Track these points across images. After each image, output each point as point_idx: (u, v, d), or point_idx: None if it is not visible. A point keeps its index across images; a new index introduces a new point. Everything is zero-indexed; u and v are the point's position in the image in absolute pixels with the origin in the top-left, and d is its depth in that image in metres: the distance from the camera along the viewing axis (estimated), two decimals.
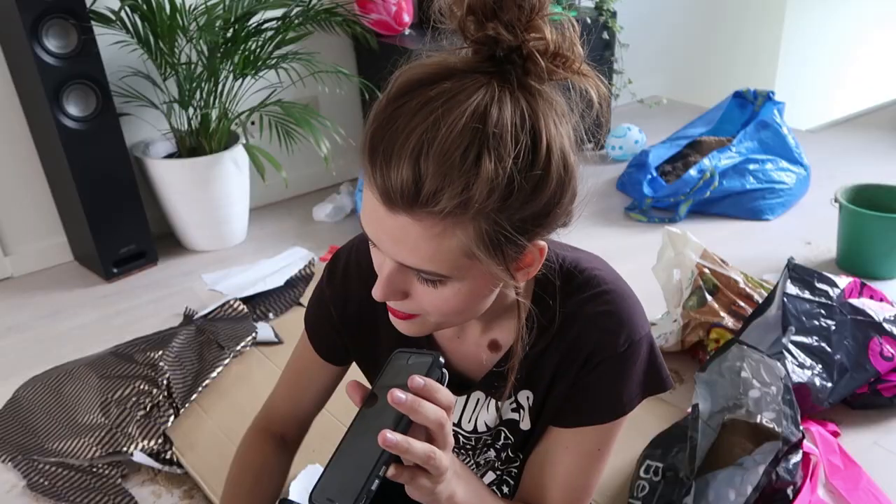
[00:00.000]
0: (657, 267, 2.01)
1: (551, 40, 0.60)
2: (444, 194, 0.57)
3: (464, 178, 0.57)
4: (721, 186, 2.67)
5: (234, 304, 2.19)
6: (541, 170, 0.60)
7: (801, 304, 1.69)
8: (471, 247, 0.61)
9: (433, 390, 0.62)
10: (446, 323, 0.73)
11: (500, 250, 0.62)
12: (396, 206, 0.59)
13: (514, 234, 0.62)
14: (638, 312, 0.78)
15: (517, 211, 0.61)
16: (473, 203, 0.58)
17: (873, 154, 3.22)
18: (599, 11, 3.09)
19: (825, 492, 1.46)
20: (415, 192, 0.58)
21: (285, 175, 2.48)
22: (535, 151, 0.60)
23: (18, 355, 2.10)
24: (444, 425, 0.62)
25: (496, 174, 0.57)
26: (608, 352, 0.76)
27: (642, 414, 1.71)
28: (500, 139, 0.57)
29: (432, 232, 0.60)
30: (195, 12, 2.36)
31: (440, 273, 0.63)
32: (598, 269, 0.79)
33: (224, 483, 1.00)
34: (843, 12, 4.26)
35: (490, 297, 0.71)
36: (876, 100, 3.88)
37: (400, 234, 0.61)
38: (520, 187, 0.59)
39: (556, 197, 0.63)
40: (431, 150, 0.57)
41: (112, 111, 2.30)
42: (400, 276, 0.66)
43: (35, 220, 2.53)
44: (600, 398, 0.78)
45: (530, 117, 0.60)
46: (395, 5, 2.74)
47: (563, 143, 0.62)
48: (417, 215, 0.59)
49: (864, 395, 1.67)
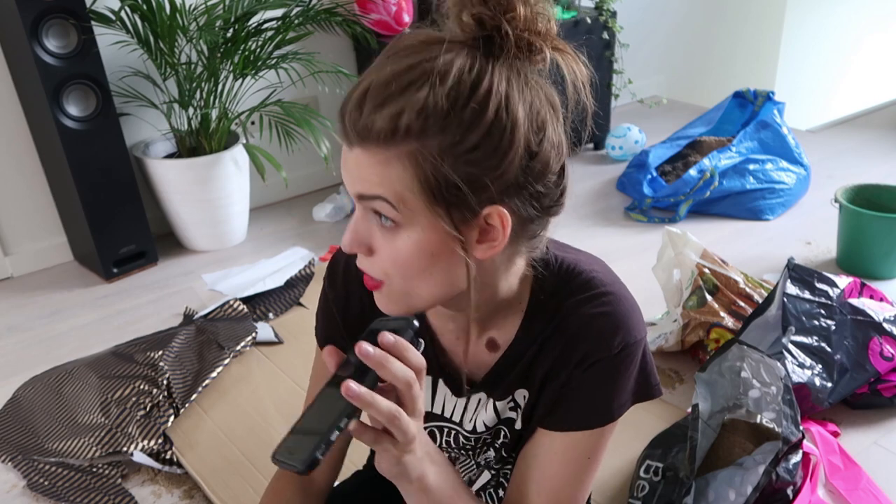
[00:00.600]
0: (657, 267, 2.01)
1: (522, 17, 0.63)
2: (380, 118, 0.61)
3: (398, 104, 0.61)
4: (721, 186, 2.67)
5: (234, 304, 2.19)
6: (477, 105, 0.61)
7: (801, 304, 1.69)
8: (411, 184, 0.63)
9: (403, 349, 0.63)
10: (412, 293, 0.70)
11: (443, 198, 0.63)
12: (350, 141, 0.65)
13: (459, 185, 0.63)
14: (635, 316, 0.77)
15: (455, 155, 0.62)
16: (404, 127, 0.61)
17: (873, 154, 3.22)
18: (599, 11, 3.09)
19: (825, 492, 1.46)
20: (360, 120, 0.63)
21: (285, 175, 2.48)
22: (474, 89, 0.61)
23: (18, 355, 2.10)
24: (412, 386, 0.62)
25: (427, 101, 0.61)
26: (602, 353, 0.75)
27: (642, 414, 1.72)
28: (440, 76, 0.61)
29: (377, 159, 0.63)
30: (195, 12, 2.36)
31: (388, 199, 0.64)
32: (596, 272, 0.79)
33: None
34: (843, 13, 4.26)
35: (452, 267, 0.68)
36: (876, 100, 3.88)
37: (354, 166, 0.65)
38: (452, 122, 0.61)
39: (499, 150, 0.63)
40: (374, 86, 0.62)
41: (112, 111, 2.30)
42: (363, 222, 0.68)
43: (35, 220, 2.53)
44: (591, 401, 0.76)
45: (480, 66, 0.62)
46: (395, 5, 2.74)
47: (512, 95, 0.63)
48: (364, 144, 0.64)
49: (864, 395, 1.67)
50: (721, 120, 3.02)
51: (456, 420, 0.87)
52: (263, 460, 1.63)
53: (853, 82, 4.47)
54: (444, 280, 0.69)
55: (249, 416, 1.79)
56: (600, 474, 1.53)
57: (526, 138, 0.64)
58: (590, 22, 3.06)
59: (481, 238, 0.67)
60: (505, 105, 0.62)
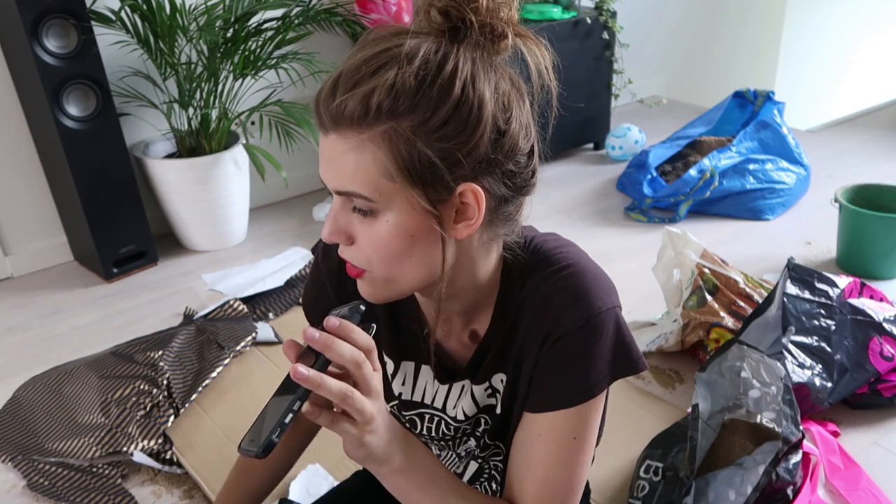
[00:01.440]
0: (657, 267, 2.01)
1: (484, 6, 0.66)
2: (352, 100, 0.63)
3: (368, 86, 0.63)
4: (721, 186, 2.67)
5: (234, 304, 2.19)
6: (444, 81, 0.64)
7: (801, 304, 1.69)
8: (386, 164, 0.65)
9: (348, 330, 0.64)
10: (394, 279, 0.71)
11: (418, 176, 0.65)
12: (325, 127, 0.66)
13: (433, 161, 0.65)
14: (599, 287, 0.75)
15: (427, 132, 0.64)
16: (375, 107, 0.63)
17: (873, 154, 3.22)
18: (599, 11, 3.09)
19: (825, 492, 1.46)
20: (333, 106, 0.64)
21: (285, 175, 2.48)
22: (440, 68, 0.64)
23: (18, 355, 2.10)
24: (361, 366, 0.63)
25: (395, 81, 0.63)
26: (565, 327, 0.74)
27: (642, 414, 1.72)
28: (408, 58, 0.63)
29: (351, 144, 0.65)
30: (195, 12, 2.36)
31: (363, 194, 0.66)
32: (560, 249, 0.79)
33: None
34: (843, 12, 4.26)
35: (431, 248, 0.69)
36: (876, 100, 3.88)
37: (330, 154, 0.67)
38: (421, 99, 0.63)
39: (468, 125, 0.65)
40: (346, 72, 0.65)
41: (112, 111, 2.30)
42: (342, 213, 0.69)
43: (35, 220, 2.53)
44: (565, 378, 0.75)
45: (446, 49, 0.65)
46: (395, 5, 2.74)
47: (478, 74, 0.65)
48: (338, 129, 0.65)
49: (864, 395, 1.67)
50: (721, 120, 3.02)
51: (438, 406, 0.88)
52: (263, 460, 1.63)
53: (853, 82, 4.48)
54: (424, 261, 0.70)
55: (249, 416, 1.79)
56: (600, 474, 1.54)
57: (493, 115, 0.66)
58: (590, 22, 3.06)
59: (458, 217, 0.69)
60: (471, 82, 0.65)
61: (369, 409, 0.64)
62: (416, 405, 0.89)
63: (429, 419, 0.90)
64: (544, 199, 2.92)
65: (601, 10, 3.09)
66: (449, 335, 0.85)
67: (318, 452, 1.63)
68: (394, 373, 0.89)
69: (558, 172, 3.18)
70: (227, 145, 2.54)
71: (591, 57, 3.14)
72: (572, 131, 3.25)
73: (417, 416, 0.90)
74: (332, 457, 1.62)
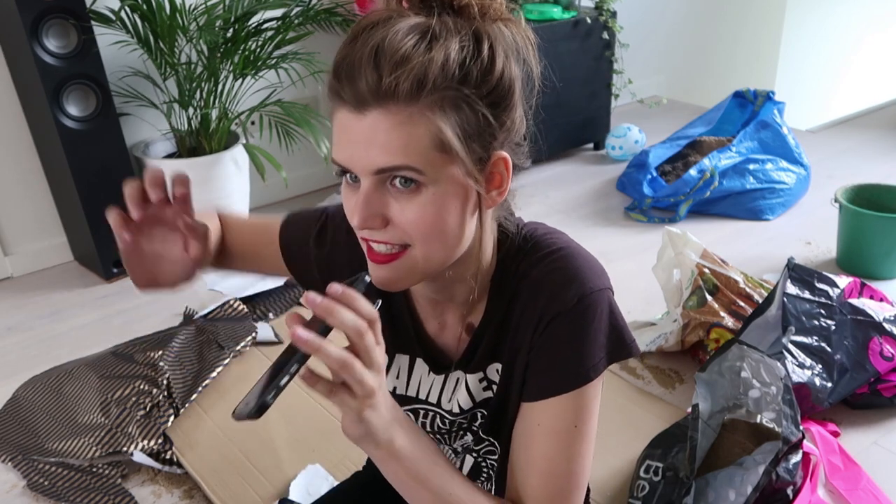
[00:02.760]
0: (657, 267, 2.01)
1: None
2: (403, 76, 0.62)
3: (418, 61, 0.63)
4: (721, 186, 2.67)
5: (234, 303, 2.19)
6: (486, 57, 0.65)
7: (801, 304, 1.69)
8: (439, 133, 0.64)
9: (352, 298, 0.62)
10: (431, 257, 0.70)
11: (466, 144, 0.66)
12: (366, 104, 0.64)
13: (478, 130, 0.66)
14: (590, 269, 0.75)
15: (473, 101, 0.65)
16: (429, 81, 0.63)
17: (873, 154, 3.22)
18: (599, 11, 3.09)
19: (825, 492, 1.46)
20: (377, 82, 0.63)
21: (285, 175, 2.48)
22: (479, 42, 0.66)
23: (18, 355, 2.10)
24: (363, 335, 0.61)
25: (446, 56, 0.63)
26: (556, 308, 0.73)
27: (642, 414, 1.72)
28: (444, 33, 0.64)
29: (399, 119, 0.63)
30: (195, 12, 2.36)
31: (414, 167, 0.65)
32: (550, 234, 0.79)
33: None
34: (843, 12, 4.26)
35: (468, 219, 0.70)
36: (875, 100, 3.88)
37: (371, 133, 0.64)
38: (470, 72, 0.64)
39: (507, 97, 0.68)
40: (385, 48, 0.63)
41: (112, 111, 2.30)
42: (376, 194, 0.67)
43: (35, 220, 2.53)
44: (559, 362, 0.74)
45: (468, 24, 0.66)
46: None
47: (509, 49, 0.68)
48: (384, 105, 0.63)
49: (864, 395, 1.67)
50: (721, 120, 3.02)
51: (433, 401, 0.87)
52: (263, 460, 1.63)
53: (853, 82, 4.47)
54: (460, 235, 0.70)
55: None
56: (600, 474, 1.54)
57: (520, 90, 0.69)
58: (590, 22, 3.06)
59: (490, 186, 0.71)
60: (505, 56, 0.67)
61: (370, 381, 0.62)
62: (411, 400, 0.89)
63: (423, 414, 0.90)
64: (544, 199, 2.92)
65: (601, 10, 3.09)
66: (444, 329, 0.84)
67: (318, 453, 1.63)
68: (388, 367, 0.89)
69: (558, 172, 3.18)
70: (227, 145, 2.54)
71: (591, 57, 3.14)
72: (572, 131, 3.25)
73: (412, 412, 0.90)
74: (333, 457, 1.62)
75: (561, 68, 3.04)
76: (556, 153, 3.32)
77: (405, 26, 0.64)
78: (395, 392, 0.90)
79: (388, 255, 0.69)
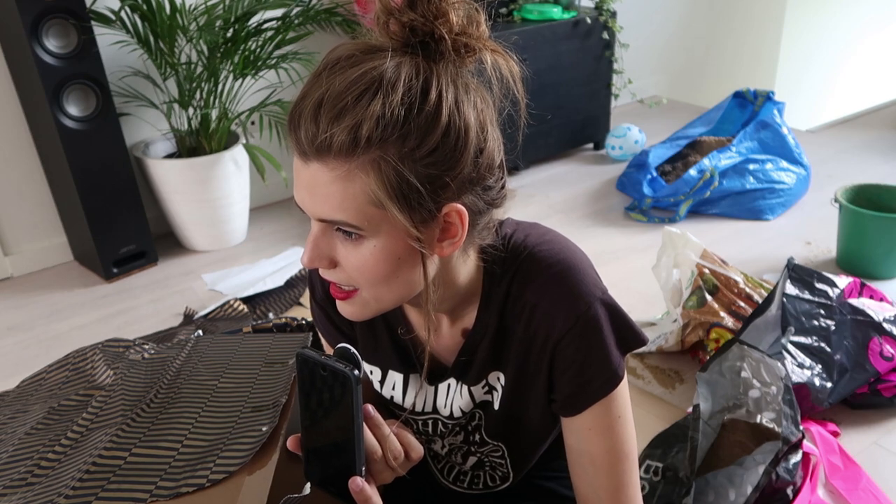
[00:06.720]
0: (657, 267, 2.01)
1: (455, 22, 0.66)
2: (338, 132, 0.62)
3: (355, 116, 0.62)
4: (721, 186, 2.67)
5: (234, 304, 2.19)
6: (431, 109, 0.63)
7: (800, 304, 1.70)
8: (376, 192, 0.64)
9: (369, 496, 0.69)
10: (381, 298, 0.72)
11: (406, 202, 0.65)
12: (307, 156, 0.65)
13: (420, 187, 0.65)
14: (585, 281, 0.77)
15: (415, 160, 0.64)
16: (364, 138, 0.62)
17: (873, 154, 3.22)
18: (599, 11, 3.09)
19: (825, 492, 1.46)
20: (316, 135, 0.63)
21: (285, 175, 2.48)
22: (425, 95, 0.64)
23: (18, 355, 2.10)
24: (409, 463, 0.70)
25: (384, 111, 0.62)
26: (559, 331, 0.76)
27: (642, 414, 1.72)
28: (391, 85, 0.63)
29: (337, 174, 0.64)
30: (195, 12, 2.36)
31: (351, 223, 0.66)
32: (542, 245, 0.79)
33: None
34: (843, 13, 4.26)
35: (415, 267, 0.70)
36: (876, 100, 3.89)
37: (312, 182, 0.65)
38: (410, 129, 0.63)
39: (455, 149, 0.65)
40: (325, 100, 0.63)
41: (112, 111, 2.30)
42: (324, 238, 0.69)
43: (35, 220, 2.53)
44: (589, 372, 0.77)
45: (425, 72, 0.64)
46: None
47: (460, 97, 0.65)
48: (323, 159, 0.64)
49: (864, 395, 1.67)
50: (721, 120, 3.02)
51: (429, 410, 0.89)
52: None
53: (853, 82, 4.48)
54: (409, 280, 0.71)
55: None
56: None
57: (476, 136, 0.67)
58: (590, 22, 3.06)
59: (442, 236, 0.70)
60: (456, 108, 0.65)
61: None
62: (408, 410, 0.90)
63: (423, 423, 0.91)
64: (544, 199, 2.92)
65: (601, 10, 3.09)
66: (441, 334, 0.85)
67: None
68: (381, 380, 0.90)
69: (558, 172, 3.18)
70: (227, 145, 2.54)
71: (591, 57, 3.14)
72: (572, 131, 3.25)
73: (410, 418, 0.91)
74: None
75: (561, 68, 3.04)
76: (556, 153, 3.32)
77: (354, 75, 0.63)
78: (393, 400, 0.90)
79: (344, 293, 0.72)
